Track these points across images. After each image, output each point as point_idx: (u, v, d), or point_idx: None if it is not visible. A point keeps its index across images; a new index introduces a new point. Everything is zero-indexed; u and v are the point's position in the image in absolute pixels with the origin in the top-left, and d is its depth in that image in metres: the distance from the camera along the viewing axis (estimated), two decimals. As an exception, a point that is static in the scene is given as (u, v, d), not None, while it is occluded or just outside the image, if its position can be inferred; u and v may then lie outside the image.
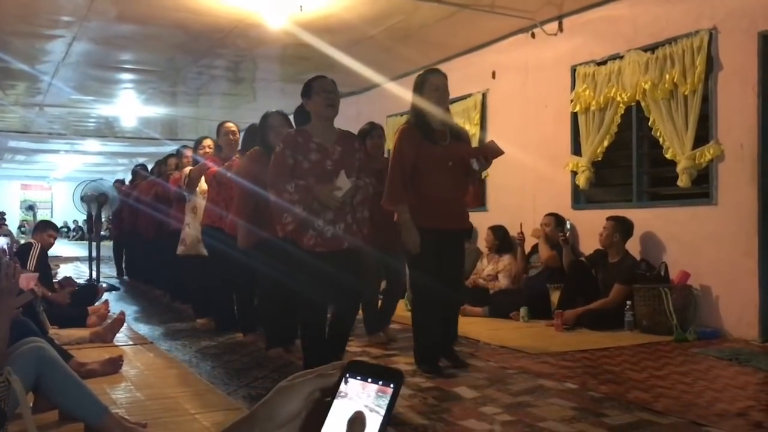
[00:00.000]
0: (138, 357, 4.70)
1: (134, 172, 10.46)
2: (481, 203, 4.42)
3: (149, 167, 10.48)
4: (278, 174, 3.78)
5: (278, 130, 4.60)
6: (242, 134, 5.58)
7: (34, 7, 6.38)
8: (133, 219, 9.11)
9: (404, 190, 4.10)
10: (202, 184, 5.82)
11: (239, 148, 5.62)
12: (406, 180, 4.10)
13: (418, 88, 4.20)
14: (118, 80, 9.84)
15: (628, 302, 5.51)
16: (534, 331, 5.61)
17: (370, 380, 0.65)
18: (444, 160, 4.11)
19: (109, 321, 5.66)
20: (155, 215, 7.57)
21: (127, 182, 11.22)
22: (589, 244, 6.24)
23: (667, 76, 5.61)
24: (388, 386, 0.65)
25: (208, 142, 6.17)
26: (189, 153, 6.75)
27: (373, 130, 5.29)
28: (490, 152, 4.20)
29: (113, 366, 4.12)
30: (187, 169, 6.17)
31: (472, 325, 5.66)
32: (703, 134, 5.46)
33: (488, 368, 4.28)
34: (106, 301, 6.69)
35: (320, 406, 0.65)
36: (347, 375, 0.66)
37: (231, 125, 5.73)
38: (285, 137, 3.94)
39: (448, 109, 4.32)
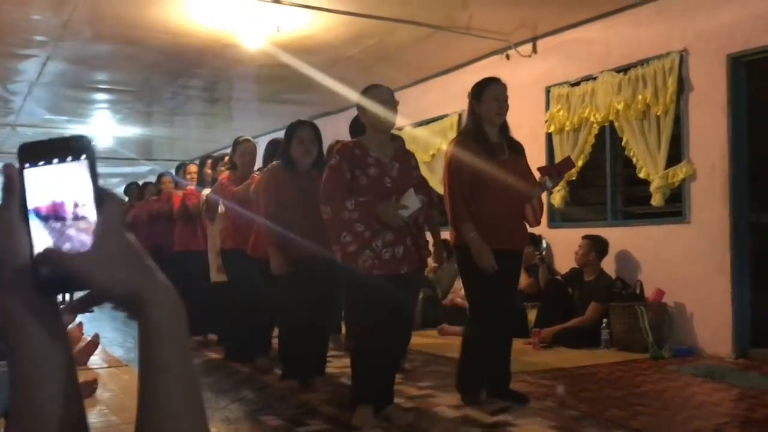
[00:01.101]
0: (113, 380, 4.63)
1: (128, 193, 10.20)
2: (540, 222, 4.01)
3: (140, 184, 10.22)
4: (335, 189, 3.42)
5: (306, 147, 4.29)
6: (264, 149, 5.17)
7: (7, 26, 6.32)
8: None
9: (466, 206, 3.70)
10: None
11: (256, 164, 5.41)
12: (466, 195, 3.71)
13: (476, 97, 3.81)
14: (92, 100, 9.77)
15: (605, 320, 5.55)
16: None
17: (56, 161, 0.59)
18: (504, 175, 3.73)
19: (83, 344, 5.55)
20: (153, 236, 7.35)
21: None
22: (564, 263, 6.29)
23: (640, 97, 5.71)
24: (79, 158, 0.59)
25: (192, 168, 6.00)
26: (194, 169, 6.59)
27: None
28: (564, 168, 3.93)
29: (87, 390, 4.04)
30: (204, 192, 5.86)
31: (451, 345, 5.65)
32: (676, 154, 5.56)
33: (467, 387, 4.27)
34: (80, 324, 6.56)
35: (14, 215, 0.59)
36: (26, 165, 0.59)
37: (251, 145, 5.39)
38: (341, 149, 3.56)
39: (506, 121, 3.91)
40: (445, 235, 4.89)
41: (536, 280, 6.30)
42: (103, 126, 11.35)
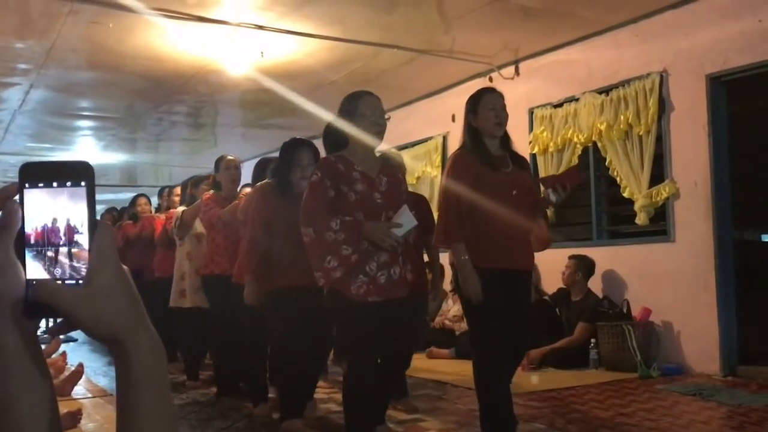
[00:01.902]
0: (97, 410, 4.56)
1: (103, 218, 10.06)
2: (548, 245, 3.73)
3: (118, 209, 10.12)
4: (317, 208, 3.12)
5: (306, 172, 3.90)
6: (253, 168, 4.86)
7: (-10, 55, 6.31)
8: None
9: (460, 225, 3.34)
10: (197, 227, 5.29)
11: (242, 183, 5.24)
12: (461, 214, 3.36)
13: (471, 111, 3.54)
14: (76, 127, 9.73)
15: (593, 340, 5.55)
16: (500, 371, 5.59)
17: (56, 184, 0.59)
18: (507, 189, 3.40)
19: (66, 373, 5.49)
20: (127, 262, 7.22)
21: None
22: (551, 283, 6.30)
23: (622, 117, 5.77)
24: (80, 185, 0.59)
25: (178, 190, 5.87)
26: (179, 191, 6.47)
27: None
28: (570, 179, 3.56)
29: (71, 420, 3.98)
30: (180, 209, 5.61)
31: (439, 368, 5.63)
32: (659, 173, 5.61)
33: (456, 411, 4.25)
34: (64, 353, 6.49)
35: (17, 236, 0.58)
36: (26, 186, 0.59)
37: (233, 158, 5.10)
38: (323, 164, 3.28)
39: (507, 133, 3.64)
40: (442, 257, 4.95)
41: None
42: (87, 153, 11.29)
